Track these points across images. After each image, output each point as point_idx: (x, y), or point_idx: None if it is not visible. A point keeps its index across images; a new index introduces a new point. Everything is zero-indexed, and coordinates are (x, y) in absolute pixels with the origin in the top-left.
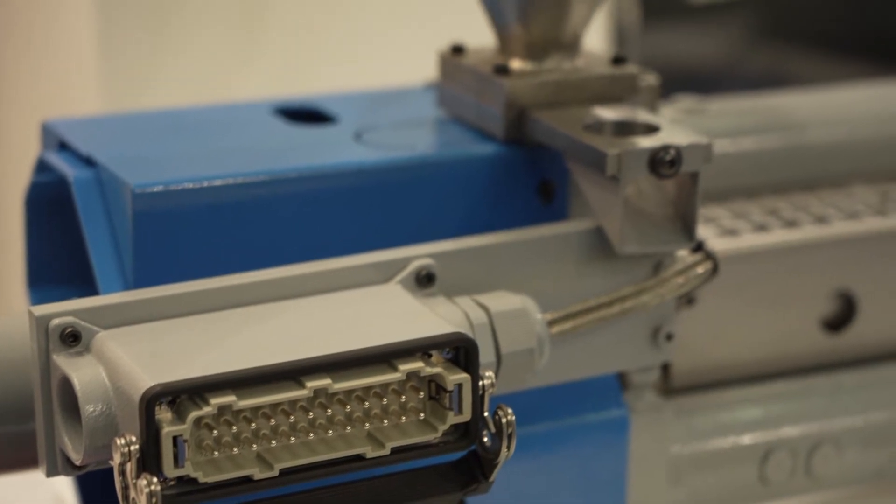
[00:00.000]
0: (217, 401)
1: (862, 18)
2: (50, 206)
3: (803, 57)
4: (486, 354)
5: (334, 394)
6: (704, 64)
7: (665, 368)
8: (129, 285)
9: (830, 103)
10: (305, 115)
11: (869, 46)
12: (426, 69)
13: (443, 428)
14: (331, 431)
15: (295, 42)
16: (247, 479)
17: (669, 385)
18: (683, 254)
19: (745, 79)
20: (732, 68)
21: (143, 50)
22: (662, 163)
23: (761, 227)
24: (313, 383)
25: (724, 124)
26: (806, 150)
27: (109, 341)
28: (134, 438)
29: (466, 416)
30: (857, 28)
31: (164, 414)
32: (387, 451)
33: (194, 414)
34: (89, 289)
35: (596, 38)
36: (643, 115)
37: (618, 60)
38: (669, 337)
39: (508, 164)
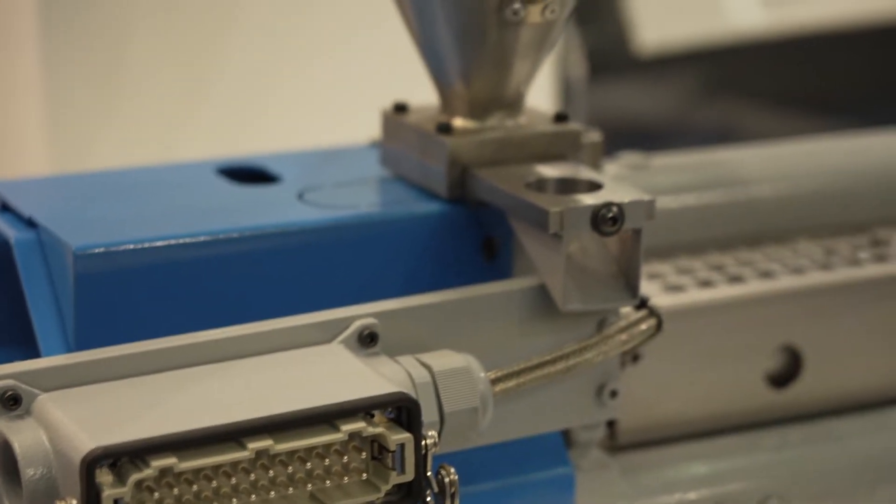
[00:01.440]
0: (158, 463)
1: (809, 73)
2: None
3: (752, 111)
4: (429, 414)
5: (276, 455)
6: (653, 118)
7: (611, 425)
8: (71, 347)
9: (774, 158)
10: (248, 174)
11: (817, 101)
12: (370, 127)
13: (385, 488)
14: (273, 493)
15: (240, 101)
16: None
17: (615, 442)
18: (627, 311)
19: (694, 133)
20: (681, 122)
21: (88, 110)
22: (605, 220)
23: (706, 283)
24: (255, 444)
25: (668, 180)
26: (750, 206)
27: (51, 404)
28: (75, 502)
29: (409, 475)
30: (805, 83)
31: (104, 477)
32: None
33: (135, 477)
34: (31, 351)
35: (543, 93)
36: (586, 173)
37: (560, 118)
38: (614, 394)
39: (452, 223)
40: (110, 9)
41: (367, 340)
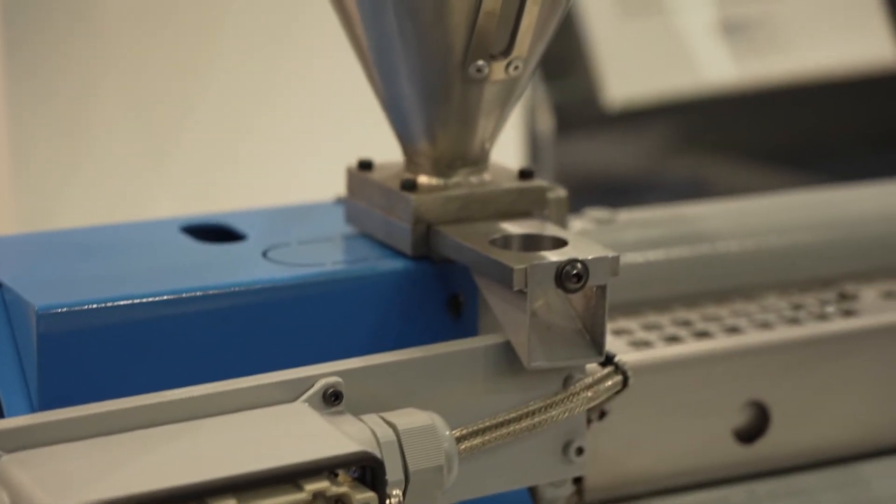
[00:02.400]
0: None
1: (779, 126)
2: None
3: (722, 165)
4: (393, 472)
5: None
6: (623, 172)
7: (578, 482)
8: (34, 407)
9: (741, 213)
10: (213, 232)
11: (787, 155)
12: (336, 184)
13: None
14: None
15: (206, 158)
16: None
17: (583, 499)
18: (594, 367)
19: (664, 187)
20: (651, 177)
21: (53, 168)
22: (569, 277)
23: (672, 339)
24: None
25: (635, 236)
26: (717, 262)
27: (13, 465)
28: None
29: None
30: (775, 136)
31: None
32: None
33: None
34: None
35: (511, 148)
36: (550, 229)
37: (525, 174)
38: (580, 451)
39: (417, 280)
40: (76, 66)
41: (331, 399)
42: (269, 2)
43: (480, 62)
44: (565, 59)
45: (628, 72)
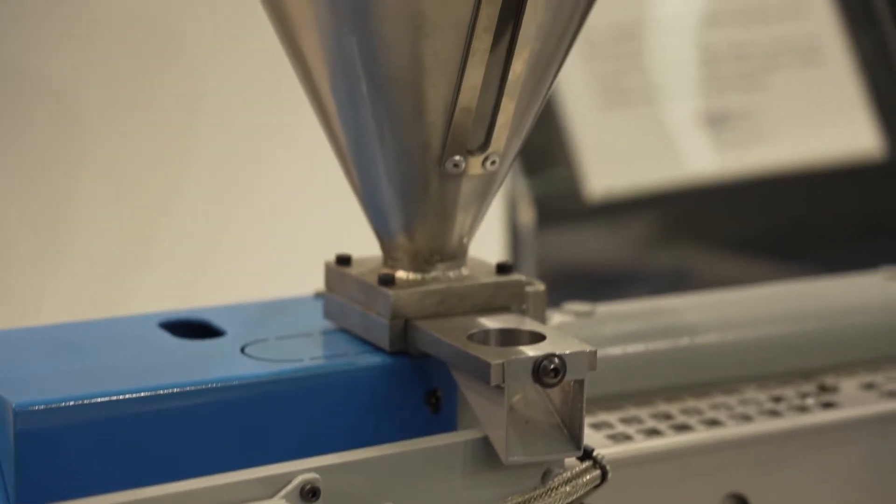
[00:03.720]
0: None
1: (762, 218)
2: None
3: (704, 256)
4: None
5: None
6: (605, 264)
7: None
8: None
9: (720, 306)
10: (191, 328)
11: (769, 245)
12: (316, 279)
13: None
14: None
15: (185, 254)
16: None
17: None
18: (572, 462)
19: (646, 278)
20: (633, 268)
21: (31, 264)
22: (546, 372)
23: (652, 432)
24: None
25: (614, 329)
26: (696, 355)
27: None
28: None
29: None
30: (757, 227)
31: None
32: None
33: None
34: None
35: (492, 241)
36: (528, 324)
37: (503, 269)
38: None
39: (395, 375)
40: (55, 161)
41: (308, 496)
42: (248, 98)
43: (457, 157)
44: (546, 151)
45: (609, 163)
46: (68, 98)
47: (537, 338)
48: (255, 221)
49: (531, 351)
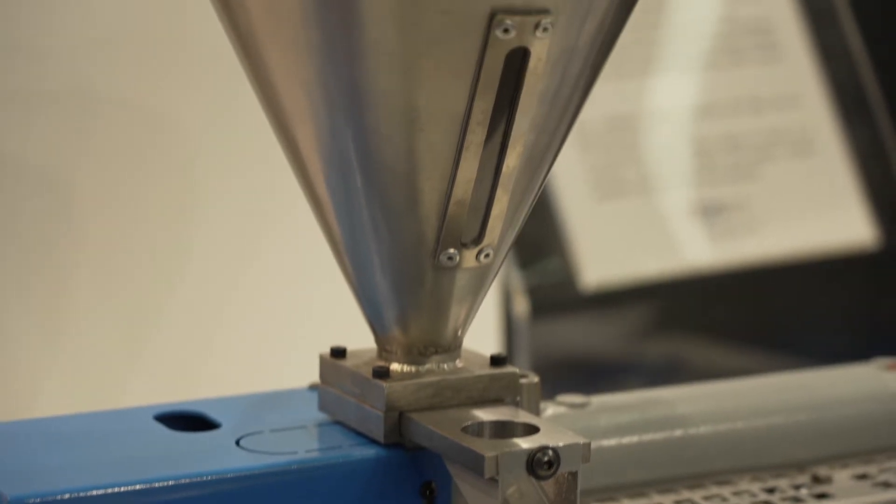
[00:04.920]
0: None
1: (756, 308)
2: None
3: (699, 347)
4: None
5: None
6: (599, 354)
7: None
8: None
9: (714, 397)
10: (187, 421)
11: (763, 336)
12: (311, 371)
13: None
14: None
15: (181, 346)
16: None
17: None
18: None
19: (641, 369)
20: (628, 358)
21: (28, 358)
22: (540, 464)
23: None
24: None
25: (607, 421)
26: (690, 446)
27: None
28: None
29: None
30: (752, 318)
31: None
32: None
33: None
34: None
35: (487, 332)
36: (522, 416)
37: (497, 361)
38: None
39: (390, 467)
40: (51, 254)
41: None
42: (243, 189)
43: (452, 250)
44: (540, 242)
45: (604, 254)
46: (63, 188)
47: (531, 430)
48: (249, 313)
49: (525, 443)
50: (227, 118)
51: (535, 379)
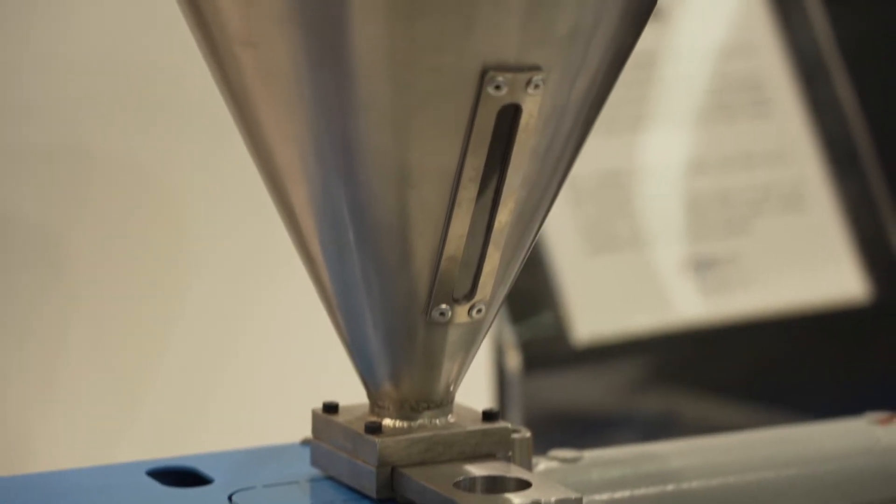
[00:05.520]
0: None
1: (748, 362)
2: None
3: (691, 401)
4: None
5: None
6: (591, 409)
7: None
8: None
9: (707, 451)
10: (179, 476)
11: (756, 390)
12: (303, 426)
13: None
14: None
15: (174, 402)
16: None
17: None
18: None
19: (633, 423)
20: (620, 413)
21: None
22: None
23: None
24: None
25: (600, 475)
26: (682, 501)
27: None
28: None
29: None
30: (745, 372)
31: None
32: None
33: None
34: None
35: (479, 387)
36: (514, 471)
37: (489, 416)
38: None
39: None
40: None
41: None
42: (236, 246)
43: (444, 306)
44: (532, 297)
45: (596, 308)
46: (56, 244)
47: (523, 485)
48: (242, 368)
49: (517, 498)
50: (221, 175)
51: (528, 434)
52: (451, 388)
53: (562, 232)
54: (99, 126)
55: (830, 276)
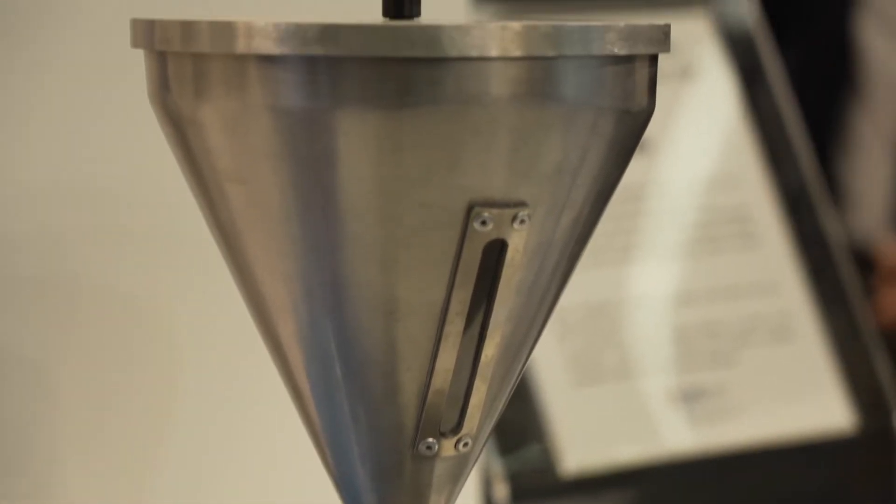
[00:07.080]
0: None
1: (737, 493)
2: None
3: None
4: None
5: None
6: None
7: None
8: None
9: None
10: None
11: None
12: None
13: None
14: None
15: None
16: None
17: None
18: None
19: None
20: None
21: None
22: None
23: None
24: None
25: None
26: None
27: None
28: None
29: None
30: (733, 503)
31: None
32: None
33: None
34: None
35: None
36: None
37: None
38: None
39: None
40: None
41: None
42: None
43: (430, 440)
44: (519, 428)
45: (583, 440)
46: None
47: None
48: (230, 500)
49: None
50: (209, 308)
51: None
52: None
53: (549, 364)
54: (89, 258)
55: (817, 406)
